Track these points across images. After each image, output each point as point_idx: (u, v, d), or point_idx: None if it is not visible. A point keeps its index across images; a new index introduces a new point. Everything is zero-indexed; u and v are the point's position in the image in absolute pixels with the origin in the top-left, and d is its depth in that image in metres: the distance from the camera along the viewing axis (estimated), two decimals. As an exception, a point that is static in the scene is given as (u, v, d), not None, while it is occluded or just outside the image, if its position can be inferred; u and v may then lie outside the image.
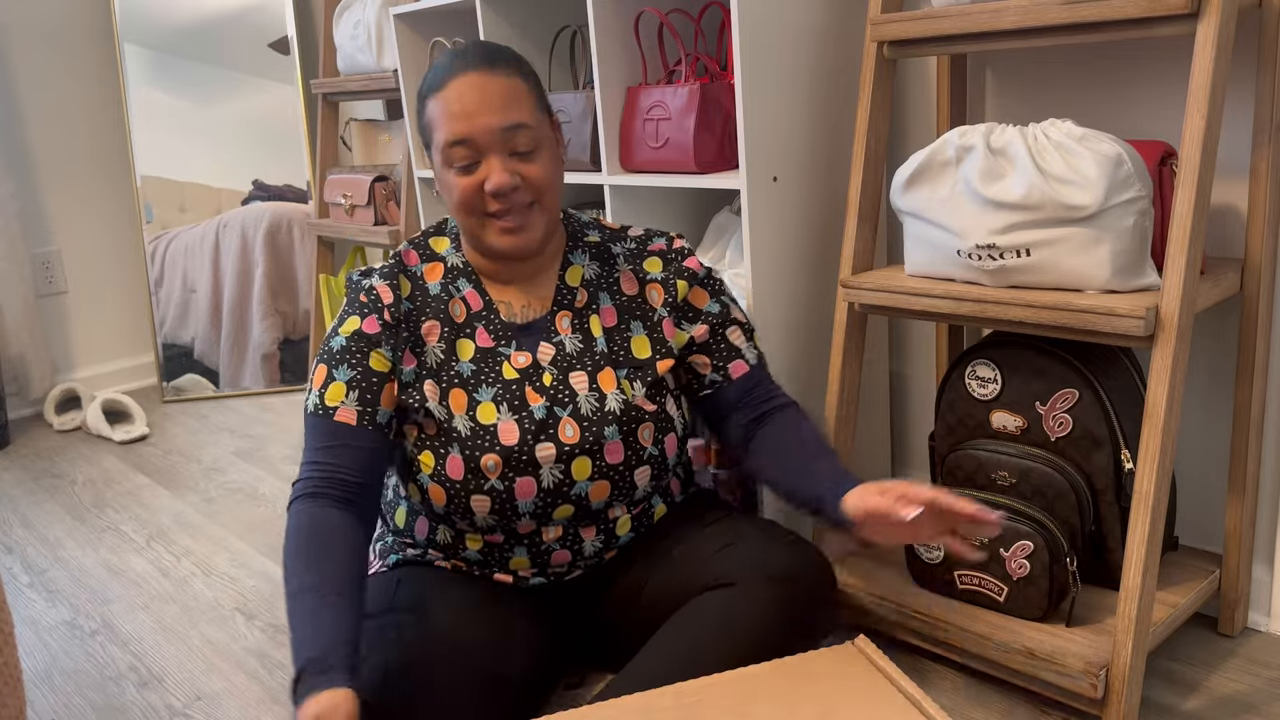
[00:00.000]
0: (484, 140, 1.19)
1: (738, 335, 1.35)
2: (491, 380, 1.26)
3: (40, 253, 3.08)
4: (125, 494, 2.42)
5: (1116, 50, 1.49)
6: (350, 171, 2.64)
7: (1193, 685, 1.39)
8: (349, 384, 1.22)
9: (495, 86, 1.19)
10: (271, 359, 3.11)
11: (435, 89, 1.21)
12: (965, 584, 1.43)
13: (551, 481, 1.25)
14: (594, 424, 1.25)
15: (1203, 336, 1.49)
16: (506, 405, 1.25)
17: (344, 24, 2.57)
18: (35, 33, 3.00)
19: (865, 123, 1.50)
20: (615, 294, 1.32)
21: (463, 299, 1.29)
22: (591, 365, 1.28)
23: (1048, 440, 1.40)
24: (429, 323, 1.27)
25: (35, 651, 1.75)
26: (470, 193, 1.21)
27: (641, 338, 1.31)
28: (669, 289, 1.32)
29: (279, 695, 1.56)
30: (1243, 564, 1.45)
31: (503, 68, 1.21)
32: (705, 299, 1.34)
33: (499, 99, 1.19)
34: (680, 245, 1.36)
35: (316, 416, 1.23)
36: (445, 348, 1.26)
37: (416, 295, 1.28)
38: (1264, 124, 1.30)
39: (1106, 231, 1.24)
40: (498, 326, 1.28)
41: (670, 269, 1.34)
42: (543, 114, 1.24)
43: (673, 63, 1.75)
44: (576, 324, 1.30)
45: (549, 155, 1.23)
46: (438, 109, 1.20)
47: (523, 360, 1.27)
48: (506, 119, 1.19)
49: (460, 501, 1.24)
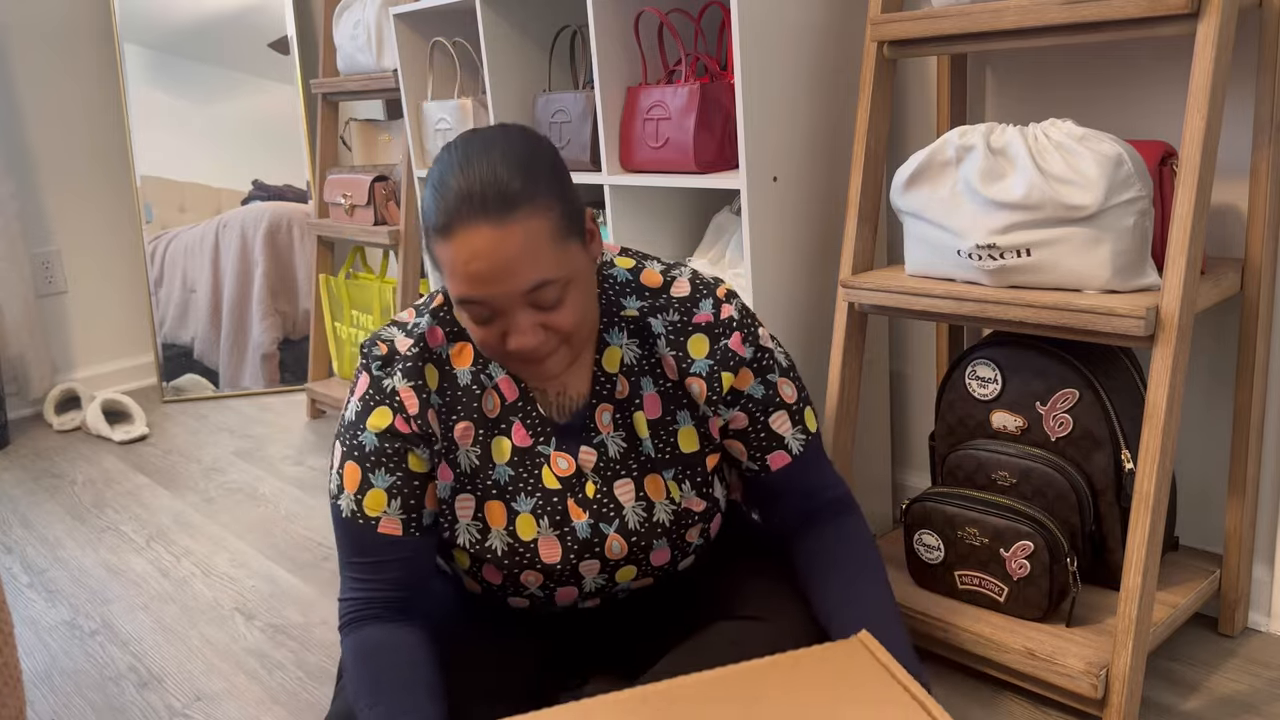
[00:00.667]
0: (502, 303, 1.01)
1: (782, 422, 1.18)
2: (530, 489, 1.14)
3: (40, 253, 3.08)
4: (125, 494, 2.42)
5: (1116, 50, 1.48)
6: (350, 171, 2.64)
7: (1193, 685, 1.39)
8: (389, 491, 1.10)
9: (511, 242, 0.98)
10: (271, 359, 3.11)
11: (442, 233, 1.01)
12: (965, 584, 1.42)
13: (594, 587, 1.19)
14: (642, 537, 1.16)
15: (1203, 337, 1.49)
16: (548, 520, 1.14)
17: (344, 24, 2.57)
18: (35, 33, 3.00)
19: (865, 123, 1.50)
20: (658, 379, 1.16)
21: (496, 389, 1.14)
22: (638, 470, 1.16)
23: (1048, 440, 1.40)
24: (462, 424, 1.13)
25: (35, 651, 1.75)
26: (491, 343, 1.05)
27: (689, 429, 1.17)
28: (713, 384, 1.14)
29: (278, 695, 1.56)
30: (1243, 564, 1.45)
31: (521, 211, 0.99)
32: (749, 380, 1.16)
33: (516, 257, 0.99)
34: (728, 315, 1.15)
35: (355, 524, 1.11)
36: (480, 451, 1.13)
37: (446, 389, 1.13)
38: (1264, 124, 1.30)
39: (1107, 231, 1.24)
40: (536, 421, 1.14)
41: (715, 355, 1.14)
42: (571, 243, 1.04)
43: (673, 63, 1.75)
44: (619, 419, 1.15)
45: (579, 292, 1.05)
46: (445, 257, 1.01)
47: (564, 466, 1.15)
48: (526, 281, 1.00)
49: (497, 599, 1.21)
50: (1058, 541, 1.34)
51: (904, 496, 1.91)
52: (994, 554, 1.38)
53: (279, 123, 3.05)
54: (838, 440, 1.56)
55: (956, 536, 1.41)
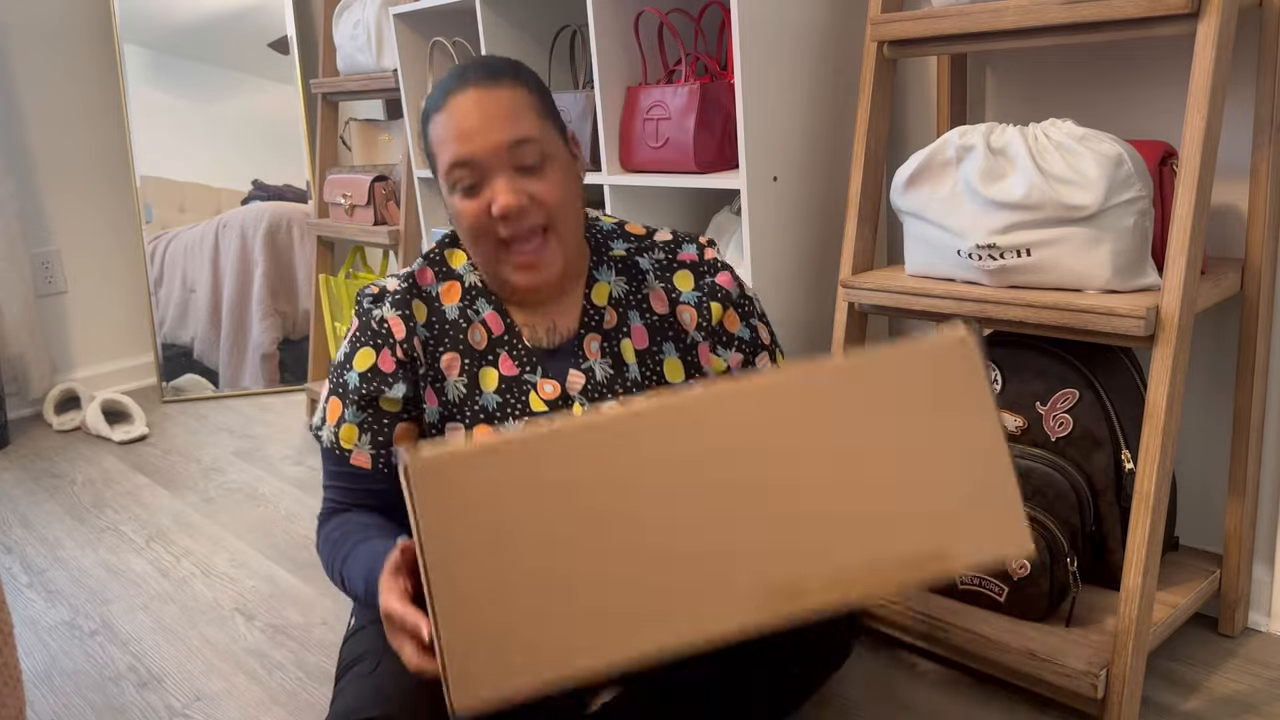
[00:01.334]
0: (486, 160, 1.10)
1: (764, 362, 1.27)
2: (518, 413, 1.19)
3: (40, 253, 3.08)
4: (125, 494, 2.42)
5: (1117, 50, 1.48)
6: (350, 171, 2.64)
7: (1193, 685, 1.39)
8: (360, 426, 1.18)
9: (496, 101, 1.11)
10: (271, 359, 3.11)
11: (436, 108, 1.14)
12: (966, 584, 1.42)
13: None
14: None
15: (1203, 337, 1.49)
16: None
17: (344, 24, 2.57)
18: (35, 33, 3.00)
19: (865, 123, 1.50)
20: (645, 313, 1.23)
21: (483, 323, 1.21)
22: (624, 393, 1.21)
23: (1048, 440, 1.40)
24: (448, 355, 1.19)
25: (35, 651, 1.75)
26: (478, 218, 1.13)
27: (674, 361, 1.23)
28: (702, 312, 1.23)
29: (279, 695, 1.56)
30: (1243, 564, 1.45)
31: (505, 80, 1.12)
32: (737, 322, 1.25)
33: (500, 114, 1.10)
34: (712, 256, 1.26)
35: (334, 454, 1.21)
36: (467, 381, 1.19)
37: (434, 322, 1.20)
38: (1264, 124, 1.30)
39: (1107, 231, 1.24)
40: (522, 352, 1.20)
41: (703, 288, 1.23)
42: (552, 127, 1.15)
43: (673, 62, 1.75)
44: (607, 348, 1.21)
45: (561, 171, 1.14)
46: (439, 130, 1.13)
47: (550, 390, 1.19)
48: (509, 135, 1.10)
49: None
50: (1058, 541, 1.34)
51: (904, 496, 1.91)
52: (994, 554, 1.38)
53: (279, 123, 3.05)
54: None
55: (956, 536, 1.41)
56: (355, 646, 1.21)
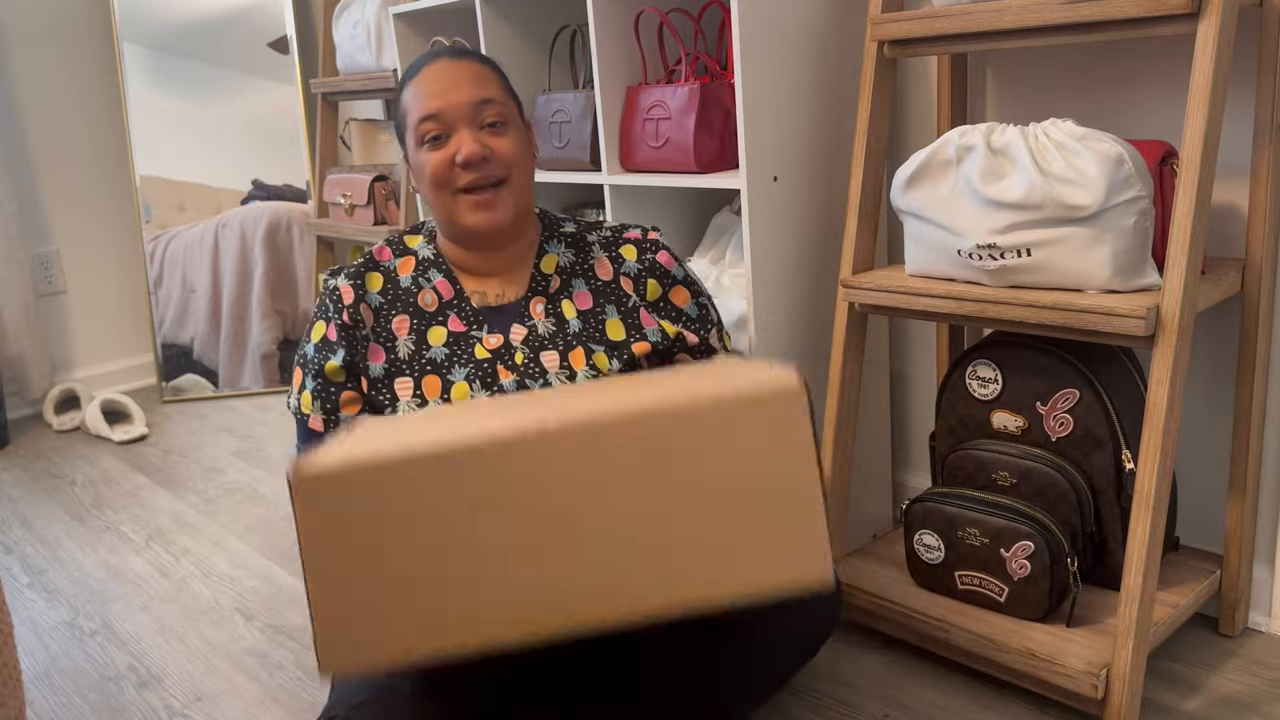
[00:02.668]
0: (453, 114, 1.24)
1: (716, 338, 1.37)
2: (464, 361, 1.29)
3: (40, 253, 3.08)
4: (125, 494, 2.42)
5: (1117, 50, 1.48)
6: (350, 171, 2.64)
7: (1193, 686, 1.39)
8: (314, 394, 1.29)
9: (464, 68, 1.27)
10: (271, 359, 3.11)
11: (409, 78, 1.29)
12: (965, 584, 1.42)
13: None
14: None
15: (1203, 337, 1.49)
16: (479, 383, 1.28)
17: (343, 23, 2.57)
18: (35, 33, 3.00)
19: (865, 122, 1.50)
20: (590, 279, 1.34)
21: (434, 288, 1.32)
22: (564, 345, 1.30)
23: (1048, 440, 1.40)
24: (399, 317, 1.30)
25: (35, 651, 1.75)
26: (441, 166, 1.25)
27: (615, 321, 1.32)
28: (638, 287, 1.34)
29: (278, 695, 1.56)
30: (1243, 564, 1.45)
31: (473, 57, 1.29)
32: (686, 299, 1.36)
33: (467, 78, 1.26)
34: (654, 238, 1.38)
35: (298, 419, 1.32)
36: (415, 338, 1.30)
37: (388, 289, 1.32)
38: (1264, 124, 1.30)
39: (1107, 231, 1.24)
40: (469, 313, 1.31)
41: (643, 262, 1.35)
42: (511, 101, 1.30)
43: (673, 62, 1.75)
44: (550, 309, 1.32)
45: (518, 136, 1.28)
46: (411, 94, 1.27)
47: (495, 341, 1.30)
48: (475, 95, 1.25)
49: None
50: (1058, 541, 1.34)
51: (904, 496, 1.91)
52: (994, 554, 1.38)
53: (279, 123, 3.05)
54: (838, 440, 1.56)
55: (957, 537, 1.41)
56: None
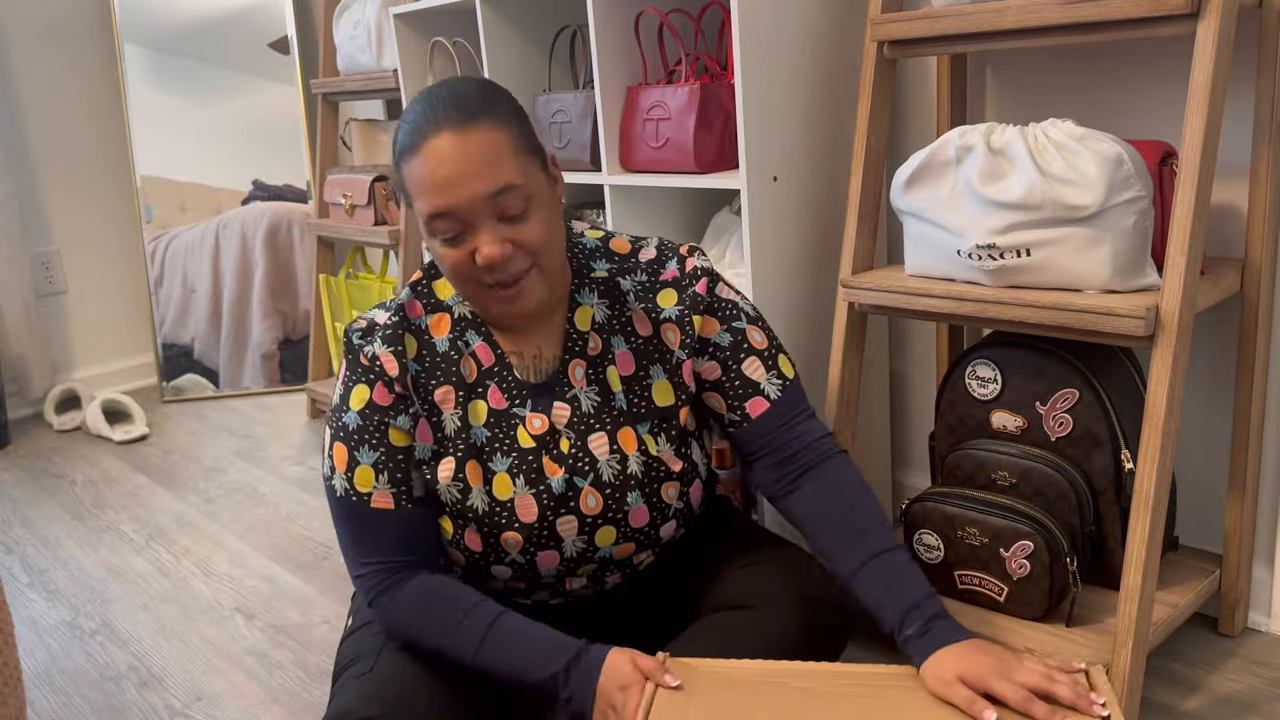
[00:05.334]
0: (467, 212, 1.07)
1: (755, 368, 1.21)
2: (506, 449, 1.17)
3: (40, 252, 3.08)
4: (125, 494, 2.42)
5: (1116, 50, 1.49)
6: (350, 171, 2.64)
7: (1193, 685, 1.39)
8: (375, 466, 1.14)
9: (474, 146, 1.06)
10: (271, 359, 3.11)
11: (409, 149, 1.08)
12: (965, 584, 1.42)
13: (574, 551, 1.20)
14: (616, 490, 1.18)
15: (1203, 337, 1.49)
16: (523, 478, 1.17)
17: (344, 24, 2.57)
18: (35, 33, 3.00)
19: (865, 122, 1.50)
20: (630, 336, 1.20)
21: (473, 355, 1.19)
22: (611, 424, 1.19)
23: (1048, 440, 1.40)
24: (442, 388, 1.17)
25: (35, 651, 1.75)
26: (461, 265, 1.10)
27: (663, 383, 1.20)
28: (685, 328, 1.19)
29: (279, 695, 1.56)
30: (1243, 564, 1.45)
31: (482, 121, 1.07)
32: (715, 328, 1.21)
33: (479, 160, 1.06)
34: (693, 267, 1.21)
35: (350, 502, 1.15)
36: (461, 414, 1.17)
37: (424, 356, 1.18)
38: (1264, 124, 1.30)
39: (1107, 231, 1.24)
40: (511, 385, 1.19)
41: (685, 301, 1.20)
42: (532, 161, 1.11)
43: (673, 62, 1.75)
44: (592, 375, 1.19)
45: (543, 211, 1.11)
46: (414, 175, 1.08)
47: (539, 425, 1.18)
48: (490, 184, 1.06)
49: (480, 569, 1.21)
50: (1058, 541, 1.34)
51: (904, 496, 1.91)
52: (994, 554, 1.38)
53: (279, 123, 3.05)
54: (838, 440, 1.56)
55: (956, 536, 1.41)
56: (352, 647, 1.21)
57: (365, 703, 1.08)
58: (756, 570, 1.23)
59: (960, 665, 1.01)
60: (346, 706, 1.09)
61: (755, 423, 1.20)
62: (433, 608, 1.13)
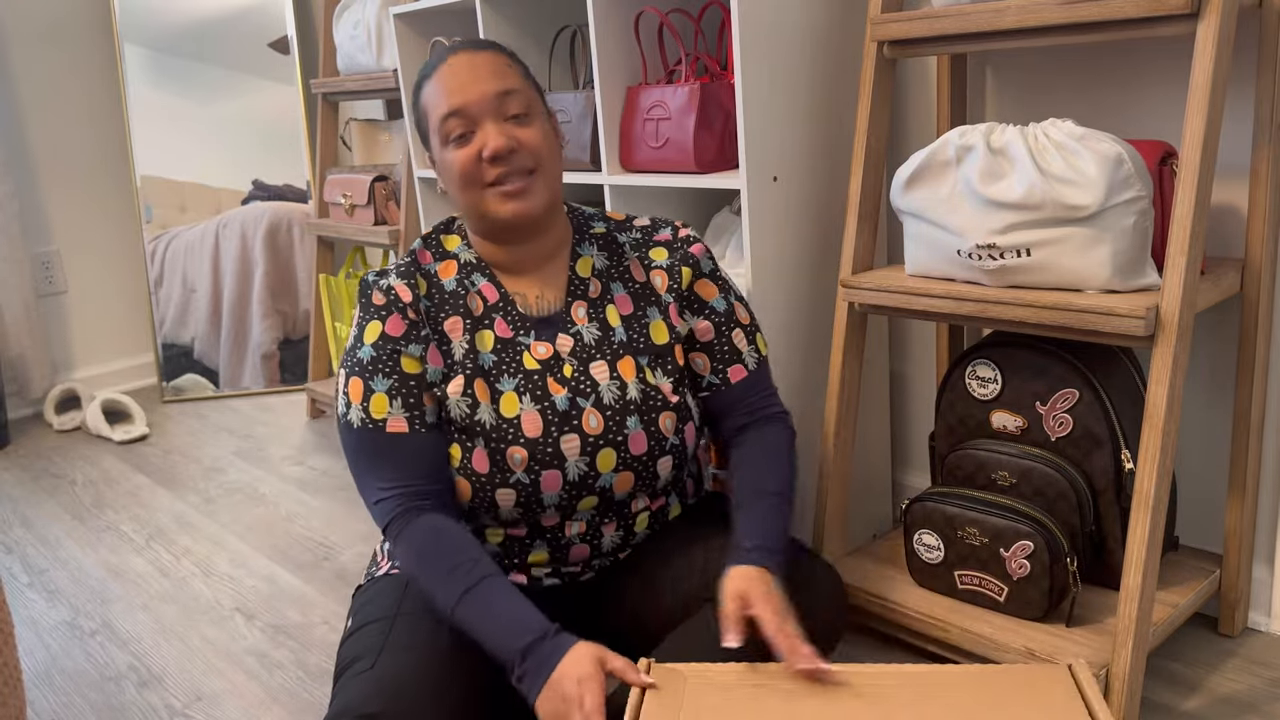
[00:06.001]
0: (477, 108, 1.21)
1: (740, 339, 1.34)
2: (513, 370, 1.26)
3: (40, 252, 3.08)
4: (125, 494, 2.42)
5: (1117, 50, 1.49)
6: (350, 171, 2.64)
7: (1193, 685, 1.39)
8: (389, 393, 1.22)
9: (484, 60, 1.23)
10: (271, 359, 3.11)
11: (427, 76, 1.25)
12: (965, 584, 1.42)
13: (577, 474, 1.25)
14: (616, 412, 1.26)
15: (1203, 337, 1.49)
16: (530, 396, 1.25)
17: (344, 24, 2.57)
18: (35, 33, 3.00)
19: (865, 122, 1.50)
20: (627, 282, 1.32)
21: (479, 293, 1.28)
22: (611, 354, 1.28)
23: (1048, 440, 1.40)
24: (451, 319, 1.27)
25: (35, 651, 1.75)
26: (469, 163, 1.22)
27: (659, 323, 1.31)
28: (673, 276, 1.32)
29: (279, 695, 1.56)
30: (1243, 564, 1.45)
31: (491, 48, 1.26)
32: (714, 293, 1.33)
33: (488, 70, 1.22)
34: (686, 234, 1.35)
35: (366, 431, 1.22)
36: (469, 339, 1.26)
37: (434, 293, 1.28)
38: (1264, 124, 1.30)
39: (1107, 231, 1.24)
40: (515, 318, 1.28)
41: (675, 256, 1.33)
42: (535, 91, 1.27)
43: (673, 62, 1.75)
44: (593, 314, 1.30)
45: (544, 125, 1.25)
46: (431, 92, 1.24)
47: (543, 351, 1.27)
48: (497, 86, 1.21)
49: (486, 495, 1.25)
50: (1058, 541, 1.34)
51: (904, 496, 1.91)
52: (994, 554, 1.38)
53: (279, 123, 3.05)
54: (838, 440, 1.56)
55: (956, 536, 1.41)
56: (352, 648, 1.21)
57: (366, 700, 1.08)
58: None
59: (738, 585, 1.14)
60: (348, 704, 1.09)
61: (733, 387, 1.33)
62: (436, 549, 1.18)
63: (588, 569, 1.33)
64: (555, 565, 1.31)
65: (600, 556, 1.32)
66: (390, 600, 1.25)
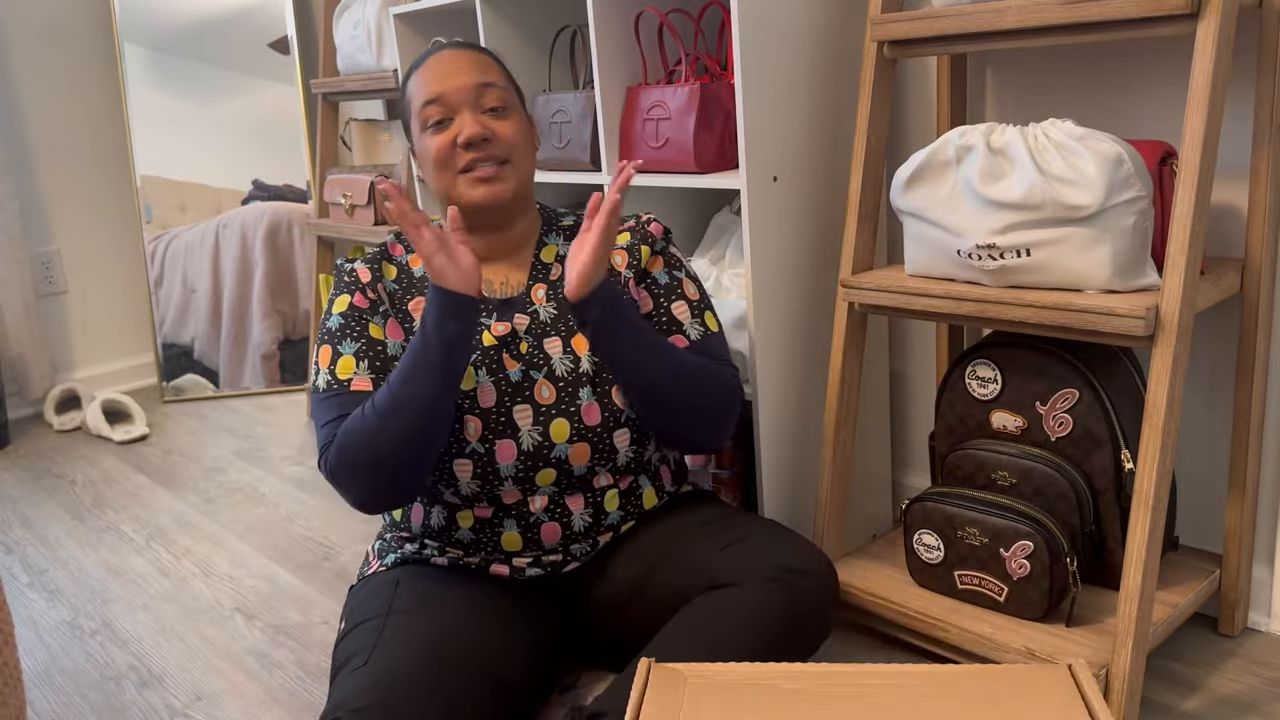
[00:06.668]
0: (455, 97, 1.28)
1: (682, 310, 1.38)
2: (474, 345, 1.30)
3: (40, 252, 3.08)
4: (125, 494, 2.42)
5: (1117, 50, 1.49)
6: (350, 171, 2.64)
7: (1193, 685, 1.39)
8: (357, 355, 1.29)
9: (465, 56, 1.31)
10: (271, 359, 3.11)
11: (415, 69, 1.33)
12: (965, 584, 1.43)
13: (531, 444, 1.28)
14: (569, 384, 1.31)
15: (1203, 336, 1.49)
16: (485, 370, 1.30)
17: (344, 24, 2.57)
18: (35, 33, 3.00)
19: (865, 122, 1.50)
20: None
21: None
22: (565, 330, 1.34)
23: (1048, 440, 1.40)
24: (415, 300, 1.34)
25: (35, 651, 1.75)
26: (444, 148, 1.28)
27: None
28: (633, 255, 1.39)
29: (279, 695, 1.56)
30: (1243, 564, 1.45)
31: (476, 50, 1.34)
32: (659, 266, 1.40)
33: (468, 64, 1.30)
34: (647, 217, 1.42)
35: (331, 392, 1.28)
36: None
37: (403, 278, 1.36)
38: (1264, 124, 1.30)
39: (1107, 231, 1.24)
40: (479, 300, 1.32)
41: (636, 236, 1.40)
42: (514, 91, 1.34)
43: (673, 63, 1.75)
44: (551, 294, 1.36)
45: (519, 122, 1.32)
46: (415, 82, 1.32)
47: (501, 329, 1.32)
48: (476, 78, 1.29)
49: (445, 467, 1.28)
50: (1058, 541, 1.34)
51: (904, 496, 1.91)
52: (994, 554, 1.38)
53: (279, 123, 3.05)
54: (838, 440, 1.56)
55: (956, 536, 1.41)
56: (347, 647, 1.22)
57: (360, 694, 1.10)
58: (736, 549, 1.28)
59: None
60: (343, 699, 1.11)
61: None
62: (364, 415, 1.22)
63: (567, 556, 1.33)
64: (532, 552, 1.32)
65: (576, 540, 1.32)
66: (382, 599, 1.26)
